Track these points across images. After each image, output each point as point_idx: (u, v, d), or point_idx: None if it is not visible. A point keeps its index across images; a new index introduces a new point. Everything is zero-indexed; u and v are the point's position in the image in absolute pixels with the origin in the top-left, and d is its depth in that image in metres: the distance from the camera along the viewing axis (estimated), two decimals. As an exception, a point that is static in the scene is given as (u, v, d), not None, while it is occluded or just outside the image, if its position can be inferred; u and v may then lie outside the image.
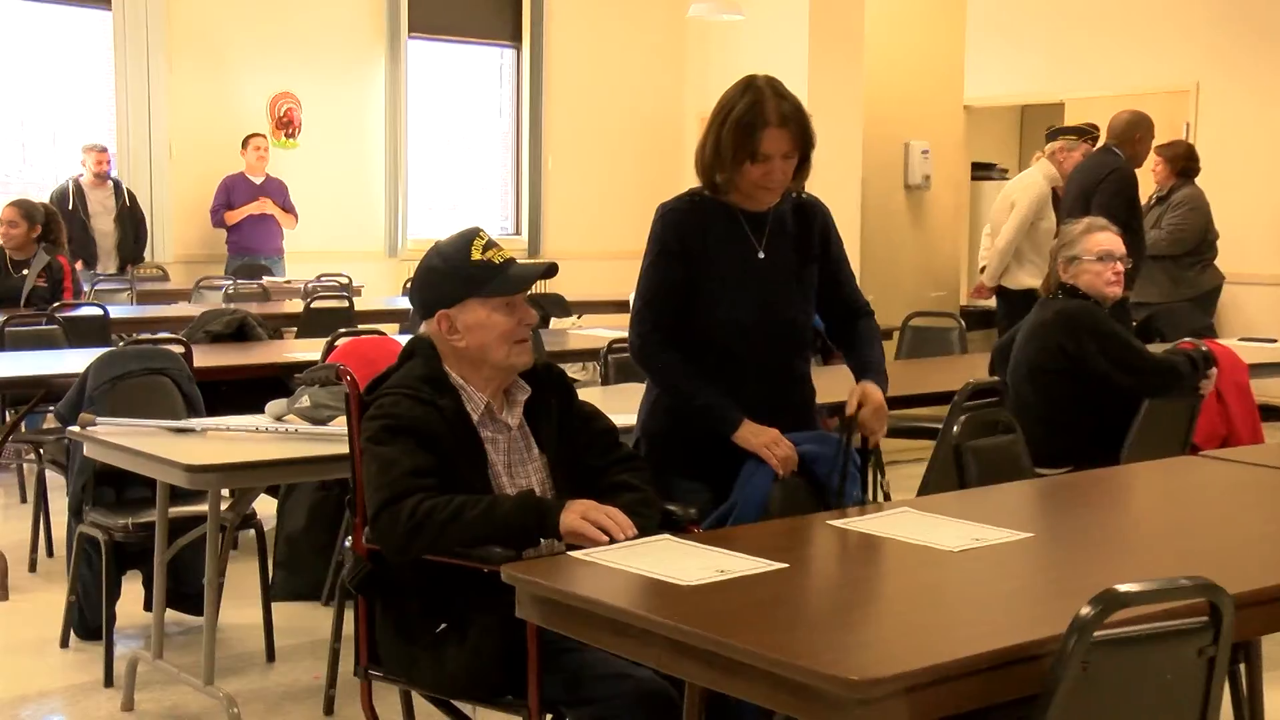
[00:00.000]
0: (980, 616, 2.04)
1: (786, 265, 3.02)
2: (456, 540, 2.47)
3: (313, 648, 4.19)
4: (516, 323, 2.66)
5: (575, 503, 2.49)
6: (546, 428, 2.74)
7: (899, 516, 2.60)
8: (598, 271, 10.45)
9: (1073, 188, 6.57)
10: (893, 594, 2.20)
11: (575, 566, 2.27)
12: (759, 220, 3.00)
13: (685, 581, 2.12)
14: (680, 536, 2.47)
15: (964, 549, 2.35)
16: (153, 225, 9.19)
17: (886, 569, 2.33)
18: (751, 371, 2.98)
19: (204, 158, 9.46)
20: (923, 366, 5.71)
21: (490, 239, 2.70)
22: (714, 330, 2.96)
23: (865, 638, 1.95)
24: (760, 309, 2.98)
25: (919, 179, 7.42)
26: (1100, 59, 9.45)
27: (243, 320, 5.83)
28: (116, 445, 3.44)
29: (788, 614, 2.03)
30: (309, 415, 3.58)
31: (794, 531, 2.57)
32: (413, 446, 2.53)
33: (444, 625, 2.55)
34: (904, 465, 6.91)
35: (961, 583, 2.22)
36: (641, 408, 3.11)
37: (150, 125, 9.25)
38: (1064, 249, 4.18)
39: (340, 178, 10.10)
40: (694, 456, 2.97)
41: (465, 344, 2.67)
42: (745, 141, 2.86)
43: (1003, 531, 2.47)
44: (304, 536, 4.65)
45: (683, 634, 1.92)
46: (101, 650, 3.93)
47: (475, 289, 2.65)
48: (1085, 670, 1.76)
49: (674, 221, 2.96)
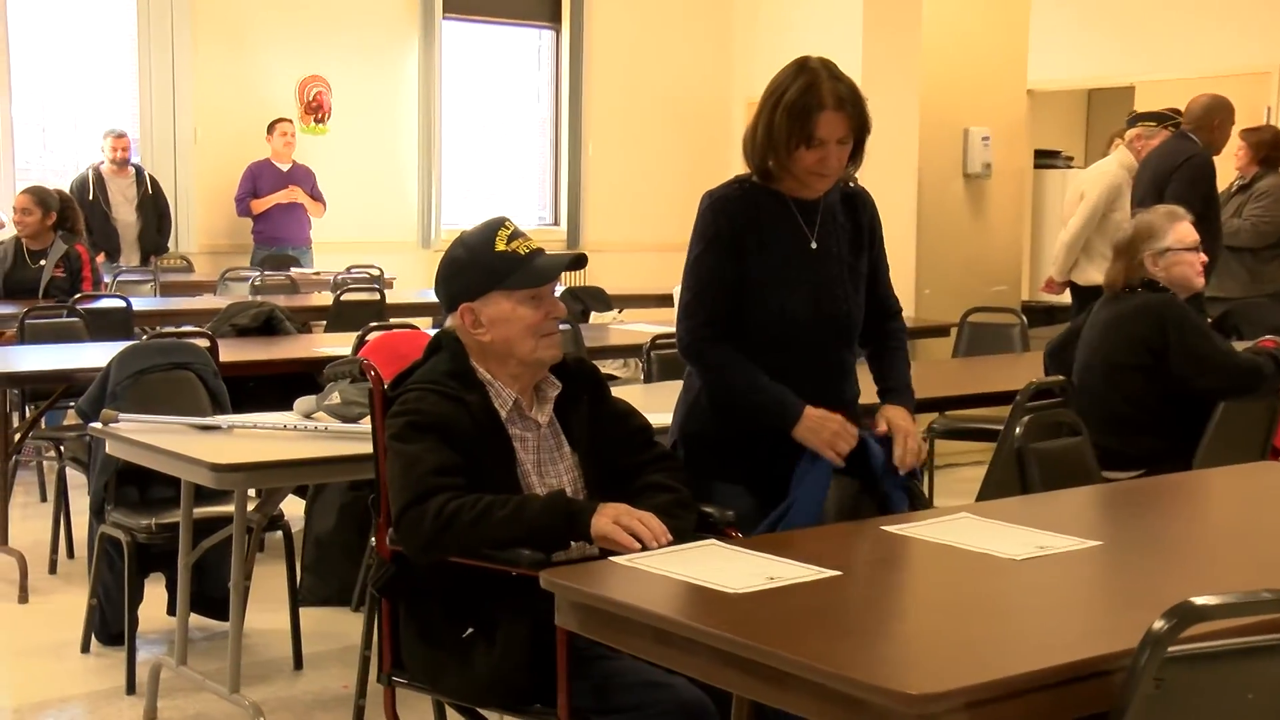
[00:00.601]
0: (1045, 629, 2.02)
1: (839, 256, 3.02)
2: (483, 542, 2.48)
3: (342, 655, 4.21)
4: (543, 316, 2.67)
5: (608, 506, 2.49)
6: (578, 425, 2.75)
7: (958, 523, 2.59)
8: (640, 264, 10.46)
9: (1145, 175, 6.50)
10: (952, 604, 2.19)
11: (616, 572, 2.27)
12: (810, 209, 3.00)
13: (732, 589, 2.11)
14: (722, 540, 2.46)
15: (1027, 557, 2.34)
16: (176, 214, 9.27)
17: (945, 578, 2.32)
18: (803, 367, 2.97)
19: (230, 144, 9.53)
20: (982, 365, 5.68)
21: (517, 229, 2.71)
22: (765, 324, 2.95)
23: (923, 650, 1.94)
24: (814, 302, 2.97)
25: (979, 167, 7.38)
26: (1174, 39, 9.35)
27: (270, 313, 5.87)
28: (139, 443, 3.47)
29: (841, 624, 2.03)
30: (339, 412, 3.60)
31: (847, 537, 2.57)
32: (438, 444, 2.54)
33: (470, 630, 2.56)
34: (962, 469, 6.87)
35: (1025, 593, 2.20)
36: (678, 408, 3.11)
37: (174, 110, 9.33)
38: (1151, 241, 4.14)
39: (371, 165, 10.15)
40: (735, 459, 2.97)
41: (490, 338, 2.68)
42: (800, 126, 2.85)
43: (1069, 539, 2.44)
44: (333, 539, 4.68)
45: (729, 643, 1.91)
46: (123, 656, 3.97)
47: (498, 281, 2.66)
48: (1159, 688, 1.74)
49: (725, 210, 2.95)
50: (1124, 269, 4.18)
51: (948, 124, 7.30)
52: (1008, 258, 7.68)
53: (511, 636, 2.50)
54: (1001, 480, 3.47)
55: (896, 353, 3.14)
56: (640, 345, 5.05)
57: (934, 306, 7.27)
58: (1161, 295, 4.10)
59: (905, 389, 3.09)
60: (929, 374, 5.51)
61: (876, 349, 3.16)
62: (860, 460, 2.91)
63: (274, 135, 9.42)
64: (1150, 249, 4.13)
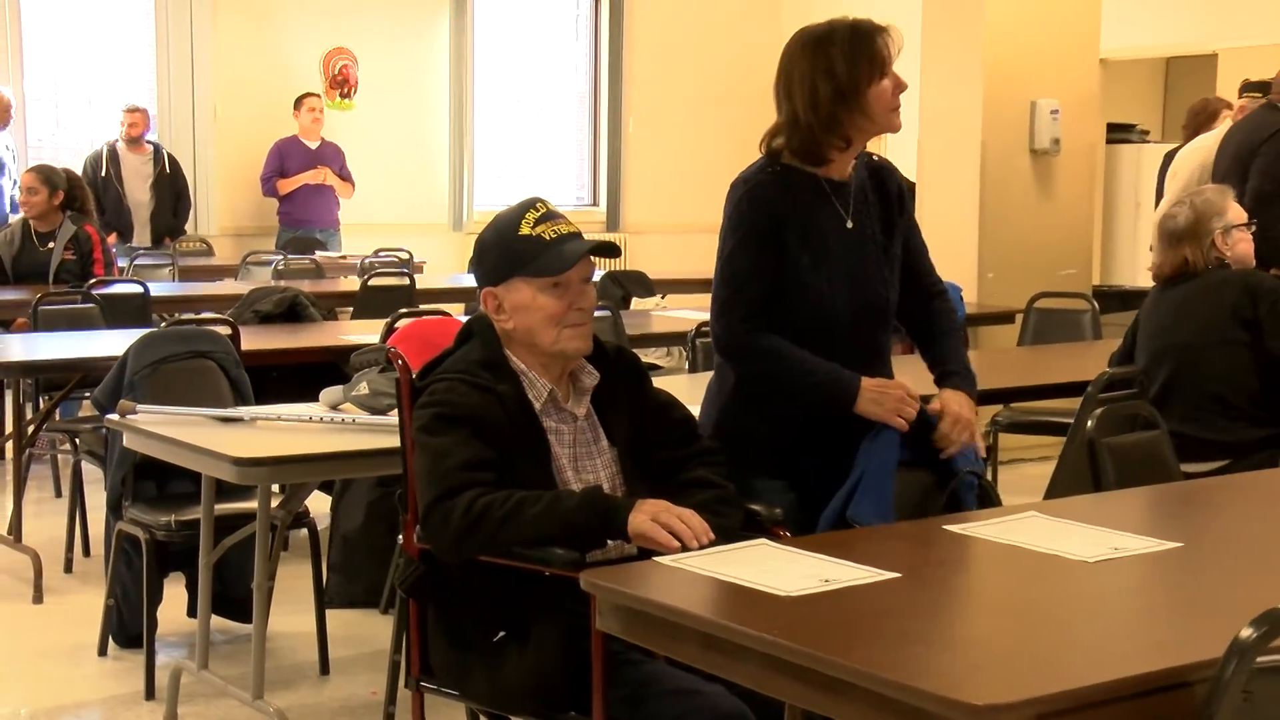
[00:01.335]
0: (1121, 636, 2.01)
1: (873, 237, 3.02)
2: (514, 540, 2.48)
3: (370, 659, 4.24)
4: (566, 306, 2.66)
5: (646, 503, 2.49)
6: (617, 417, 2.75)
7: (1025, 522, 2.57)
8: (683, 246, 10.44)
9: (1229, 148, 6.42)
10: (1019, 609, 2.18)
11: (661, 573, 2.27)
12: (843, 189, 3.00)
13: (785, 591, 2.11)
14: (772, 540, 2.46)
15: (1101, 559, 2.32)
16: (196, 195, 9.34)
17: (1012, 581, 2.31)
18: (840, 355, 2.96)
19: (252, 120, 9.58)
20: (1050, 353, 5.65)
21: (548, 210, 2.70)
22: (804, 315, 2.94)
23: (988, 658, 1.93)
24: (852, 287, 2.97)
25: (1047, 142, 7.32)
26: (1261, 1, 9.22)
27: (294, 299, 5.90)
28: (158, 435, 3.49)
29: (901, 629, 2.02)
30: (367, 404, 3.62)
31: (907, 537, 2.56)
32: (468, 437, 2.55)
33: (502, 634, 2.56)
34: (1028, 464, 6.83)
35: (1099, 598, 2.19)
36: (708, 407, 3.09)
37: (193, 85, 9.40)
38: (1218, 218, 4.14)
39: (400, 142, 10.18)
40: (775, 454, 2.97)
41: (512, 325, 2.69)
42: (868, 57, 2.87)
43: (1146, 540, 2.43)
44: (361, 537, 4.70)
45: (782, 649, 1.91)
46: (142, 659, 4.00)
47: (520, 267, 2.66)
48: (1247, 701, 1.72)
49: (760, 199, 2.94)
50: (1194, 251, 4.16)
51: (1013, 96, 7.24)
52: (1077, 239, 7.62)
53: (544, 641, 2.51)
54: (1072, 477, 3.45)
55: (950, 334, 3.13)
56: (684, 333, 5.05)
57: (998, 292, 7.23)
58: (1257, 271, 4.15)
59: (966, 372, 3.07)
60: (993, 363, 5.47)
61: (926, 332, 3.13)
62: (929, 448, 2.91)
63: (301, 111, 9.46)
64: (1218, 226, 4.14)
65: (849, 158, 2.99)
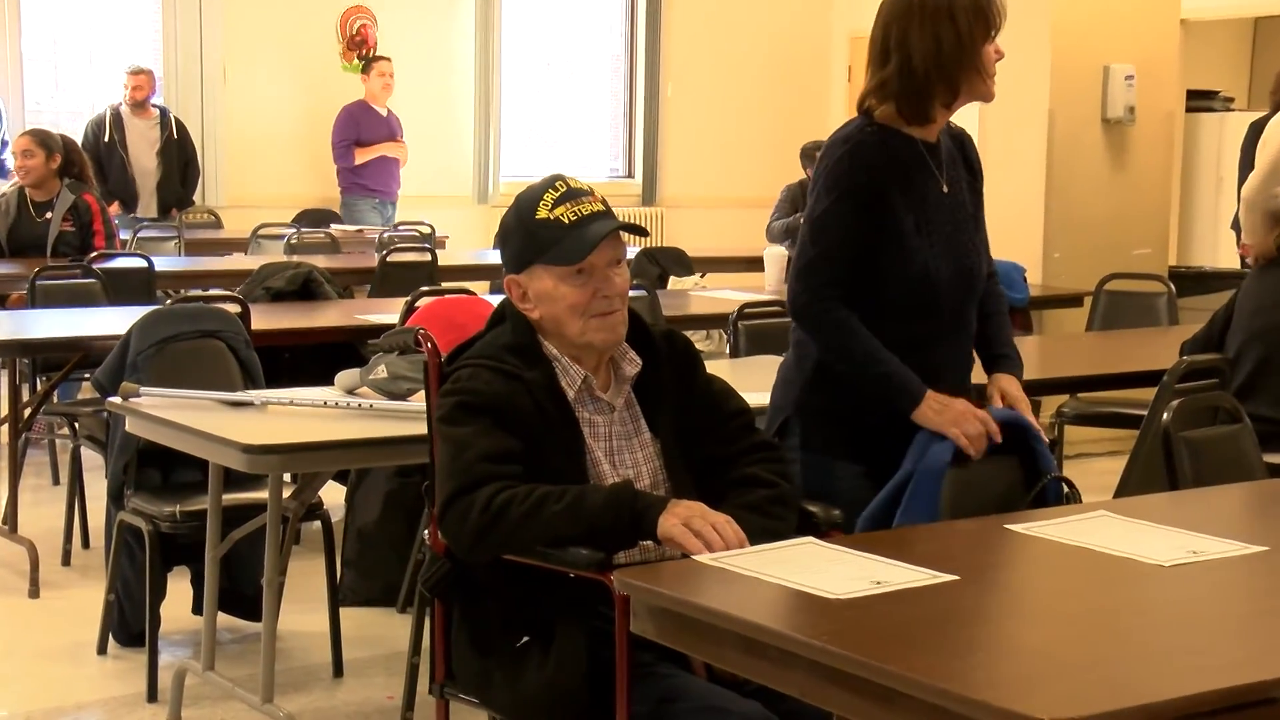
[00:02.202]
0: (1198, 648, 2.00)
1: (964, 204, 3.09)
2: (536, 539, 2.49)
3: (387, 662, 4.26)
4: (590, 294, 2.65)
5: (679, 504, 2.48)
6: (662, 407, 2.74)
7: (1094, 522, 2.57)
8: (725, 222, 10.43)
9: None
10: (1087, 616, 2.16)
11: (701, 573, 2.27)
12: (936, 152, 3.07)
13: (834, 594, 2.11)
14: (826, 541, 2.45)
15: (1177, 563, 2.31)
16: (204, 163, 9.38)
17: (1079, 585, 2.30)
18: (944, 333, 3.04)
19: (264, 84, 9.62)
20: (1122, 340, 5.63)
21: (570, 189, 2.68)
22: (908, 286, 2.98)
23: (1053, 668, 1.92)
24: (952, 257, 3.03)
25: (1121, 111, 7.28)
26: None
27: (308, 275, 5.92)
28: (163, 420, 3.51)
29: (959, 636, 2.02)
30: (386, 388, 3.63)
31: (965, 537, 2.56)
32: (491, 427, 2.56)
33: (525, 639, 2.57)
34: (1097, 460, 6.80)
35: (1174, 604, 2.18)
36: (786, 379, 3.13)
37: (201, 45, 9.43)
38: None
39: (422, 109, 10.20)
40: (860, 437, 2.99)
41: (538, 315, 2.69)
42: (984, 10, 2.97)
43: (1227, 543, 2.42)
44: (378, 531, 4.72)
45: (831, 656, 1.91)
46: (144, 659, 4.03)
47: (539, 254, 2.66)
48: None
49: (866, 156, 2.97)
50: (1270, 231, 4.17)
51: (1085, 61, 7.20)
52: (1153, 216, 7.57)
53: (567, 647, 2.51)
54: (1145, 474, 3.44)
55: (1001, 315, 3.21)
56: (726, 315, 5.04)
57: (1065, 272, 7.20)
58: None
59: (1016, 355, 3.17)
60: (1059, 350, 5.45)
61: (980, 311, 3.18)
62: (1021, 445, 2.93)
63: (371, 76, 9.52)
64: None
65: (944, 120, 3.05)
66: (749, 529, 2.49)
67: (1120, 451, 5.86)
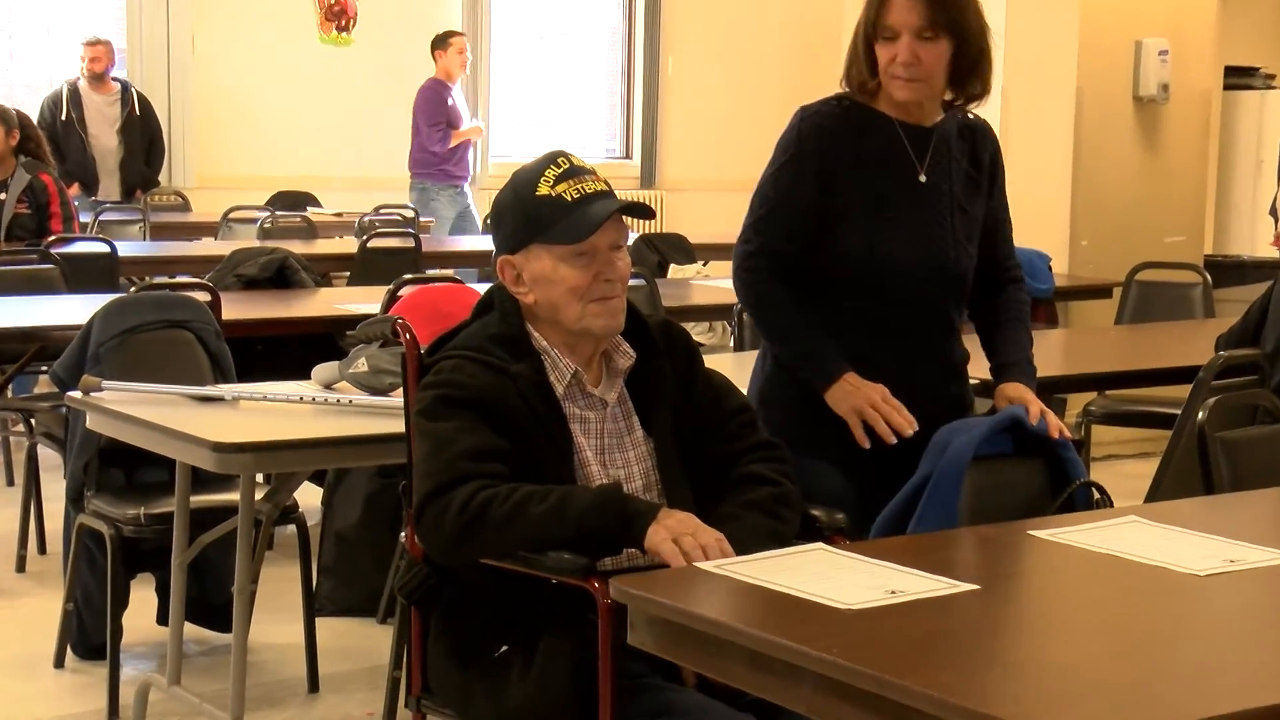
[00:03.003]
0: (1236, 663, 2.00)
1: (950, 195, 3.10)
2: (518, 542, 2.49)
3: (367, 675, 4.26)
4: (591, 277, 2.65)
5: (670, 515, 2.49)
6: (657, 404, 2.75)
7: (1124, 528, 2.57)
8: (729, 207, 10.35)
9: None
10: (1117, 629, 2.17)
11: (703, 581, 2.27)
12: (922, 138, 3.08)
13: (846, 603, 2.11)
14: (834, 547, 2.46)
15: (1213, 573, 2.31)
16: (170, 141, 9.38)
17: (1108, 596, 2.30)
18: (903, 321, 3.05)
19: (235, 55, 9.61)
20: (1154, 333, 5.64)
21: (572, 166, 2.69)
22: (858, 264, 3.02)
23: (1081, 685, 1.92)
24: (917, 244, 3.05)
25: (1154, 89, 7.28)
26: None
27: (283, 262, 5.93)
28: (126, 416, 3.51)
29: (979, 649, 2.02)
30: (366, 383, 3.63)
31: (986, 543, 2.56)
32: (474, 423, 2.56)
33: (505, 649, 2.58)
34: (1126, 462, 6.81)
35: (1210, 617, 2.19)
36: (754, 370, 3.18)
37: (168, 13, 9.42)
38: None
39: (405, 84, 10.17)
40: (827, 430, 3.01)
41: (533, 299, 2.69)
42: (873, 12, 3.00)
43: (1266, 551, 2.42)
44: (358, 536, 4.72)
45: (842, 670, 1.91)
46: (105, 673, 4.03)
47: (539, 232, 2.67)
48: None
49: (818, 126, 3.05)
50: None
51: (1115, 35, 7.20)
52: (1187, 201, 7.57)
53: (552, 658, 2.52)
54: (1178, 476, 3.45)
55: (1017, 324, 3.22)
56: (729, 306, 5.05)
57: (1093, 261, 7.20)
58: None
59: (1027, 363, 3.16)
60: (1086, 344, 5.46)
61: (991, 320, 3.22)
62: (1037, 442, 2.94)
63: (449, 52, 9.45)
64: None
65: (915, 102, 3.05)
66: (751, 527, 2.52)
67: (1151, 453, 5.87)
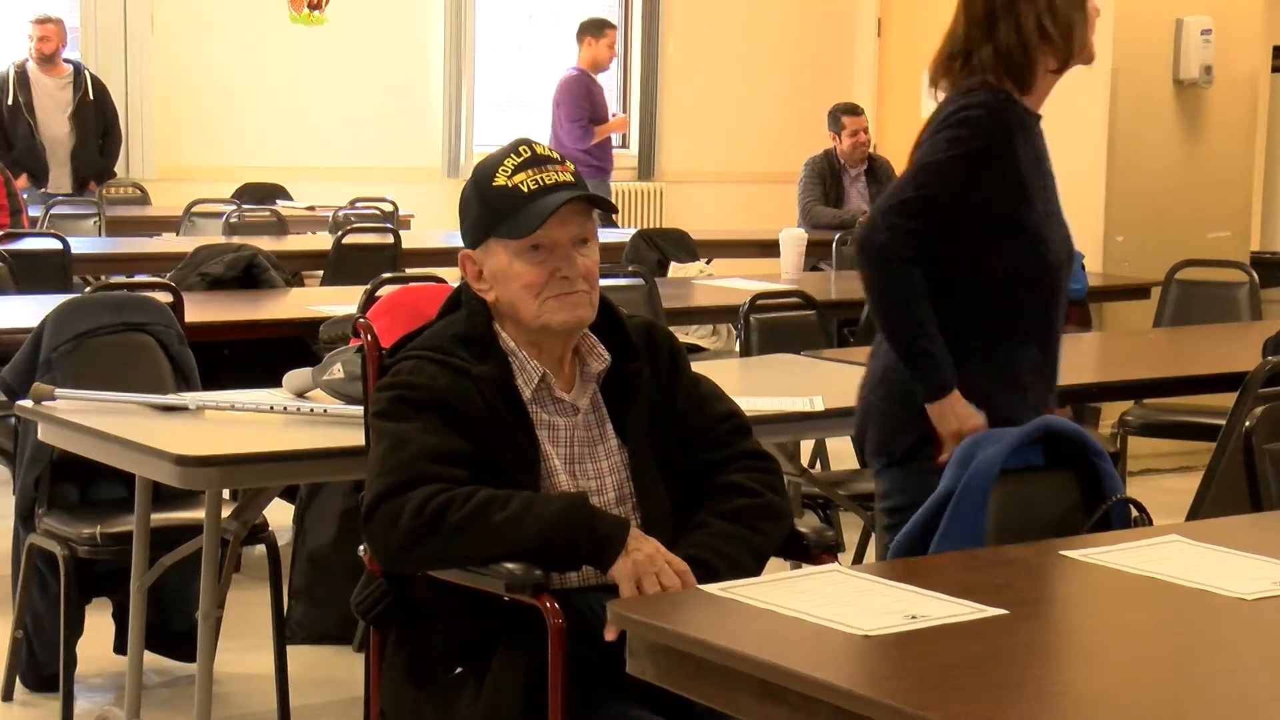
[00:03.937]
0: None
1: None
2: (476, 551, 2.51)
3: (341, 708, 4.26)
4: (548, 275, 2.67)
5: (641, 545, 2.50)
6: (633, 410, 2.76)
7: (1164, 548, 2.58)
8: (733, 200, 10.45)
9: None
10: (1156, 656, 2.18)
11: (708, 605, 2.28)
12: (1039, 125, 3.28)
13: (864, 630, 2.12)
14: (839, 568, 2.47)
15: (1261, 596, 2.32)
16: (128, 128, 9.37)
17: (1146, 621, 2.31)
18: (1056, 313, 3.23)
19: (197, 35, 9.61)
20: (1196, 337, 5.64)
21: (534, 155, 2.72)
22: (1039, 277, 3.16)
23: (1118, 716, 1.93)
24: (1064, 231, 3.24)
25: (1196, 71, 7.29)
26: None
27: (251, 260, 5.92)
28: (81, 427, 3.51)
29: (1006, 679, 2.02)
30: (342, 391, 3.63)
31: (1014, 564, 2.55)
32: (435, 425, 2.58)
33: (460, 669, 2.59)
34: (1166, 476, 6.81)
35: (1259, 643, 2.19)
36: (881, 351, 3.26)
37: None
38: None
39: (384, 67, 10.20)
40: None
41: (494, 296, 2.72)
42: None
43: (1317, 572, 2.42)
44: (332, 557, 4.72)
45: (859, 702, 1.91)
46: (57, 706, 4.02)
47: (494, 226, 2.70)
48: None
49: (1001, 120, 3.12)
50: None
51: (1154, 12, 7.21)
52: (1232, 193, 7.58)
53: (504, 679, 2.53)
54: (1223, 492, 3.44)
55: None
56: (735, 307, 5.05)
57: (1130, 258, 7.20)
58: None
59: None
60: (1121, 349, 5.46)
61: None
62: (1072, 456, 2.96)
63: (600, 43, 9.48)
64: None
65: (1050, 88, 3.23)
66: (720, 535, 2.56)
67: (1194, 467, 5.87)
